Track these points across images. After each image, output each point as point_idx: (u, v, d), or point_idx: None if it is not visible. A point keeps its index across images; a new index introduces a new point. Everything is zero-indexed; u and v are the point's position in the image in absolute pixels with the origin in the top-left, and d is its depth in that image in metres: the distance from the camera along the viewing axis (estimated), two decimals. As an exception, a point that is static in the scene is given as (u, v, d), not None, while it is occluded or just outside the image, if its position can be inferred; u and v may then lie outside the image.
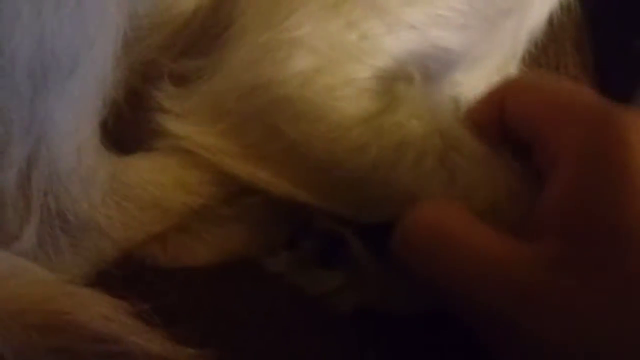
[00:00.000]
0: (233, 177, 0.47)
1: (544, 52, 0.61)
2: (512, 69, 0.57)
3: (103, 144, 0.45)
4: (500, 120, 0.43)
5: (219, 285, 0.45)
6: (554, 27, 0.58)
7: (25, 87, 0.40)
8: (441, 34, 0.48)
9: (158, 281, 0.45)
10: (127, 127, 0.48)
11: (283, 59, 0.44)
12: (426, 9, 0.47)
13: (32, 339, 0.37)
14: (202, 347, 0.39)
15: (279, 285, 0.46)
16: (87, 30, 0.41)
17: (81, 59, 0.41)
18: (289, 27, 0.45)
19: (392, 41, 0.46)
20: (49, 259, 0.43)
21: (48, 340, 0.37)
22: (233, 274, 0.46)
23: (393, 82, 0.46)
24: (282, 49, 0.44)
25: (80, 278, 0.43)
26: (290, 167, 0.45)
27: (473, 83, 0.52)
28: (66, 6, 0.39)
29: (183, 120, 0.46)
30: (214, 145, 0.46)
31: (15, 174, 0.42)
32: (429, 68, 0.48)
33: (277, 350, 0.43)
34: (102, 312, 0.38)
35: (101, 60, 0.43)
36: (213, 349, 0.39)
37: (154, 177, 0.47)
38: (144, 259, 0.47)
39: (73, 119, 0.43)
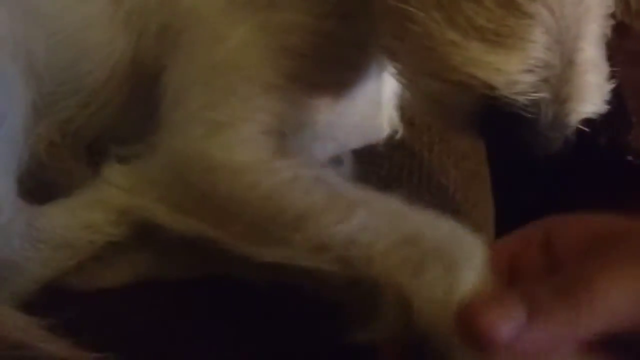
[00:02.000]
0: (138, 218, 0.58)
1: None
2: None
3: (20, 196, 0.56)
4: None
5: (123, 301, 0.56)
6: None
7: None
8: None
9: (71, 300, 0.55)
10: (43, 176, 0.60)
11: (193, 135, 0.57)
12: None
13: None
14: (103, 352, 0.49)
15: (174, 301, 0.57)
16: (6, 100, 0.52)
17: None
18: (195, 108, 0.57)
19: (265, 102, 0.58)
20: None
21: (-27, 350, 0.47)
22: (136, 292, 0.57)
23: (280, 137, 0.57)
24: (193, 126, 0.57)
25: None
26: (201, 210, 0.56)
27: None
28: None
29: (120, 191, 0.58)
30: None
31: None
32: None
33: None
34: (18, 325, 0.48)
35: (13, 131, 0.54)
36: (113, 353, 0.49)
37: (63, 221, 0.58)
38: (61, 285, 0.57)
39: None
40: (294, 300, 0.52)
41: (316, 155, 0.63)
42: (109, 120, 0.64)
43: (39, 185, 0.60)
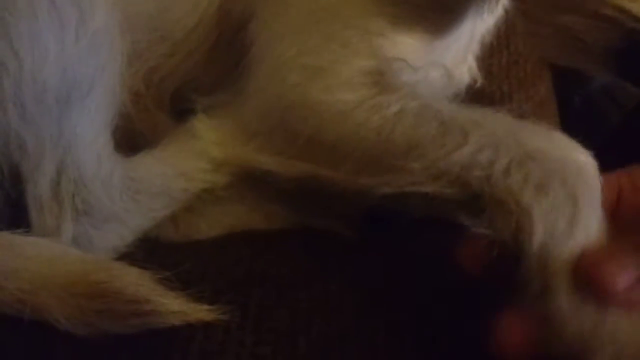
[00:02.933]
0: (236, 167, 0.58)
1: (495, 32, 0.70)
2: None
3: (115, 147, 0.56)
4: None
5: (222, 253, 0.56)
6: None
7: (55, 108, 0.50)
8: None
9: (171, 254, 0.55)
10: (132, 127, 0.59)
11: (291, 82, 0.56)
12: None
13: (80, 304, 0.47)
14: (212, 304, 0.49)
15: (271, 252, 0.57)
16: (100, 58, 0.51)
17: (96, 82, 0.52)
18: (291, 55, 0.56)
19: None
20: (83, 248, 0.53)
21: (92, 304, 0.47)
22: (233, 243, 0.57)
23: (380, 76, 0.56)
24: (290, 72, 0.56)
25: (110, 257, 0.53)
26: (309, 153, 0.55)
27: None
28: (83, 40, 0.49)
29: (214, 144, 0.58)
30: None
31: (48, 182, 0.52)
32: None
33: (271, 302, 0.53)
34: (132, 280, 0.48)
35: (111, 80, 0.53)
36: (222, 304, 0.49)
37: (158, 170, 0.57)
38: (158, 237, 0.57)
39: (92, 131, 0.53)
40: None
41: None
42: (192, 70, 0.62)
43: (124, 136, 0.59)
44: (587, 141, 0.49)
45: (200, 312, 0.49)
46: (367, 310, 0.52)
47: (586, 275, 0.44)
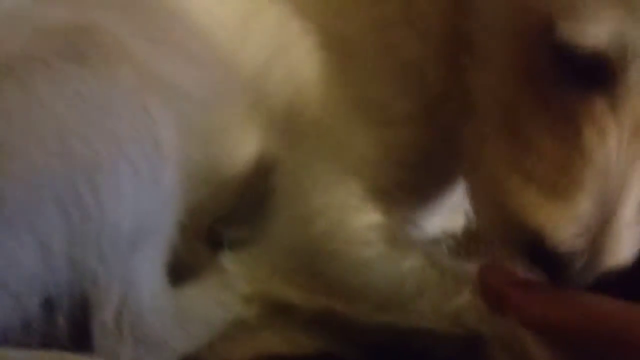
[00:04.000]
0: (264, 299, 0.66)
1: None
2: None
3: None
4: None
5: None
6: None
7: (125, 251, 0.59)
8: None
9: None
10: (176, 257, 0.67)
11: (318, 231, 0.66)
12: None
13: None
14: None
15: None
16: (166, 209, 0.60)
17: (160, 229, 0.60)
18: (318, 207, 0.66)
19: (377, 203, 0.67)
20: (137, 370, 0.61)
21: None
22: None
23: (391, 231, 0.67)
24: (316, 222, 0.66)
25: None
26: (330, 290, 0.65)
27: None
28: (154, 195, 0.58)
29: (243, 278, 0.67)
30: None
31: (112, 312, 0.60)
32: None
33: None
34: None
35: (172, 227, 0.62)
36: None
37: (201, 301, 0.65)
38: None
39: (152, 270, 0.62)
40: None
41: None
42: (225, 206, 0.72)
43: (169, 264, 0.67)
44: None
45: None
46: None
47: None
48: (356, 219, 0.66)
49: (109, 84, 0.58)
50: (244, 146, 0.69)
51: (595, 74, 0.49)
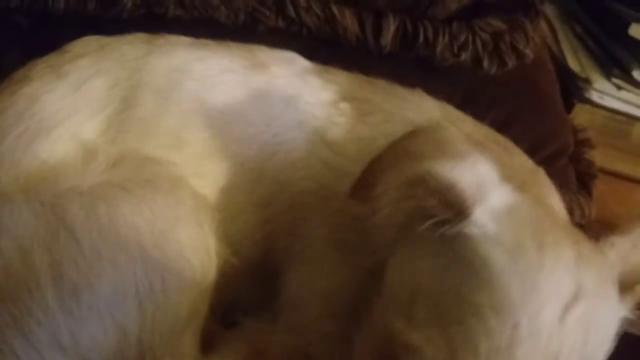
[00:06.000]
0: None
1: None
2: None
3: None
4: None
5: None
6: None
7: (179, 329, 0.77)
8: None
9: None
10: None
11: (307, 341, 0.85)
12: None
13: None
14: None
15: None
16: (208, 296, 0.79)
17: (202, 311, 0.80)
18: (312, 319, 0.85)
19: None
20: None
21: None
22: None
23: None
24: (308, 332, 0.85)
25: None
26: None
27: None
28: (205, 284, 0.78)
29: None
30: None
31: None
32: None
33: None
34: None
35: (206, 310, 0.81)
36: None
37: None
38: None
39: (193, 343, 0.80)
40: None
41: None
42: (239, 294, 0.91)
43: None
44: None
45: None
46: None
47: None
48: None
49: (175, 204, 0.77)
50: (251, 247, 0.88)
51: None
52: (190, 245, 0.77)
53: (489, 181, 0.66)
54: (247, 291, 0.90)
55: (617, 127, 1.50)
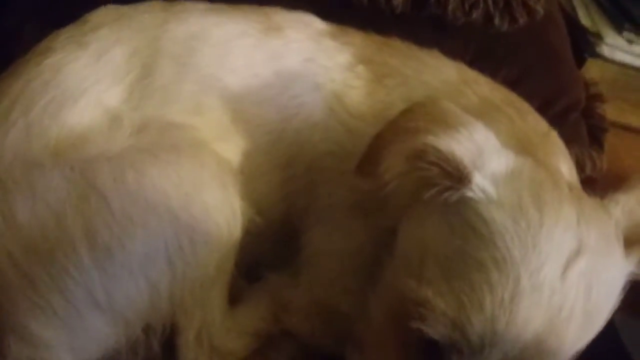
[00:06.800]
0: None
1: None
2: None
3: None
4: None
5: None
6: None
7: (208, 286, 0.82)
8: None
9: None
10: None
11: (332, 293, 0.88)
12: None
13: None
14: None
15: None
16: (234, 253, 0.83)
17: (229, 268, 0.84)
18: (334, 276, 0.89)
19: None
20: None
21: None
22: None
23: None
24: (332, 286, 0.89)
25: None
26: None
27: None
28: (231, 241, 0.82)
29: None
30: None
31: (195, 331, 0.82)
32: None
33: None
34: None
35: (233, 266, 0.84)
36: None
37: (250, 316, 0.89)
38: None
39: (222, 298, 0.84)
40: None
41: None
42: (263, 252, 0.94)
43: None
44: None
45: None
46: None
47: None
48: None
49: (200, 167, 0.80)
50: (273, 207, 0.92)
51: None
52: (216, 206, 0.80)
53: (488, 148, 0.69)
54: (270, 248, 0.94)
55: (628, 81, 1.51)
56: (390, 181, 0.71)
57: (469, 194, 0.68)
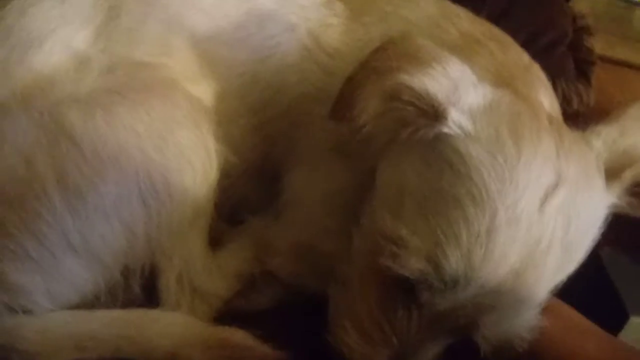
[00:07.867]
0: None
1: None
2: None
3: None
4: None
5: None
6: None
7: (186, 227, 0.81)
8: None
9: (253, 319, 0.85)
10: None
11: (311, 233, 0.87)
12: None
13: (214, 353, 0.77)
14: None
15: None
16: (212, 195, 0.82)
17: (208, 210, 0.82)
18: (316, 218, 0.88)
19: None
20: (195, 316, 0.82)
21: (223, 352, 0.77)
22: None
23: None
24: (312, 225, 0.88)
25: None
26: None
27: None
28: (207, 183, 0.81)
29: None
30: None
31: (175, 275, 0.82)
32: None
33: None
34: (241, 336, 0.78)
35: (212, 208, 0.83)
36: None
37: (234, 258, 0.88)
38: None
39: (202, 240, 0.84)
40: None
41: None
42: (244, 195, 0.93)
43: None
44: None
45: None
46: None
47: None
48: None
49: (171, 107, 0.78)
50: (251, 152, 0.90)
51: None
52: (189, 145, 0.78)
53: (463, 82, 0.68)
54: (251, 191, 0.93)
55: (617, 14, 1.48)
56: (366, 124, 0.70)
57: (445, 130, 0.67)
